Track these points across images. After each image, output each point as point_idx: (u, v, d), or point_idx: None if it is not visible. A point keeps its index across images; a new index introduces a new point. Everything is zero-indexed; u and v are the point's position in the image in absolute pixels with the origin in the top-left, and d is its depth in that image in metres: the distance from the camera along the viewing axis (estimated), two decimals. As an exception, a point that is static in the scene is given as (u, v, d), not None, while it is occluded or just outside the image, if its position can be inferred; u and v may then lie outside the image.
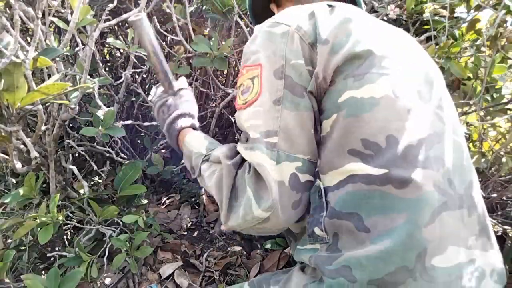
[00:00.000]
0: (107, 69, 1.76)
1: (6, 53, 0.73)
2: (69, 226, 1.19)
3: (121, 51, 1.30)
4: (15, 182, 1.32)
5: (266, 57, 0.60)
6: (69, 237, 1.28)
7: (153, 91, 0.93)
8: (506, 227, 1.24)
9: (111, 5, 1.02)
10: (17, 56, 0.75)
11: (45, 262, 1.20)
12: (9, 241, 1.22)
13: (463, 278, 0.51)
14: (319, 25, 0.59)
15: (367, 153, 0.53)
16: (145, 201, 1.33)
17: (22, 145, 0.95)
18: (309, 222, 0.60)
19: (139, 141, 1.81)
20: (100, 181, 1.51)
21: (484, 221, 0.58)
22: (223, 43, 1.19)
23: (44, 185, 1.20)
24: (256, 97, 0.59)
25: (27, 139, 0.87)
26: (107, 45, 1.71)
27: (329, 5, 0.63)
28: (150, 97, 0.93)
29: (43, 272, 1.19)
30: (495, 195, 1.30)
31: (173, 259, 1.32)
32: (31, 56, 0.76)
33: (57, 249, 1.16)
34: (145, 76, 1.65)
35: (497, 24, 1.02)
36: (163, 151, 1.79)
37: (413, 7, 1.15)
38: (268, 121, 0.58)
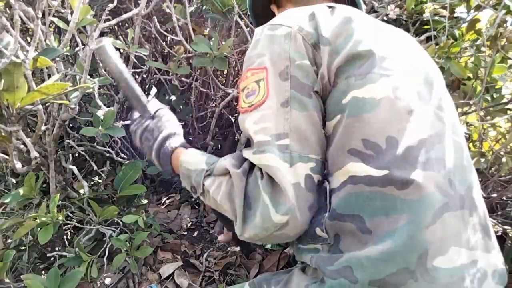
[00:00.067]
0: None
1: (6, 53, 0.72)
2: (69, 226, 1.19)
3: (121, 51, 1.29)
4: (15, 182, 1.32)
5: (271, 59, 0.60)
6: (69, 237, 1.27)
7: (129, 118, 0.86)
8: (506, 227, 1.24)
9: (111, 5, 1.02)
10: (17, 56, 0.75)
11: (45, 262, 1.20)
12: (9, 241, 1.22)
13: (465, 279, 0.51)
14: (320, 26, 0.59)
15: (368, 153, 0.53)
16: (145, 201, 1.33)
17: (22, 145, 0.94)
18: (311, 222, 0.59)
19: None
20: (100, 181, 1.51)
21: (485, 222, 0.58)
22: (223, 43, 1.19)
23: (44, 185, 1.19)
24: (263, 100, 0.59)
25: (27, 139, 0.87)
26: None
27: (329, 6, 0.63)
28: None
29: (43, 272, 1.19)
30: (495, 195, 1.30)
31: (173, 259, 1.32)
32: (31, 56, 0.76)
33: (57, 249, 1.16)
34: (145, 76, 1.65)
35: (497, 24, 1.02)
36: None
37: (413, 7, 1.15)
38: (278, 123, 0.57)
